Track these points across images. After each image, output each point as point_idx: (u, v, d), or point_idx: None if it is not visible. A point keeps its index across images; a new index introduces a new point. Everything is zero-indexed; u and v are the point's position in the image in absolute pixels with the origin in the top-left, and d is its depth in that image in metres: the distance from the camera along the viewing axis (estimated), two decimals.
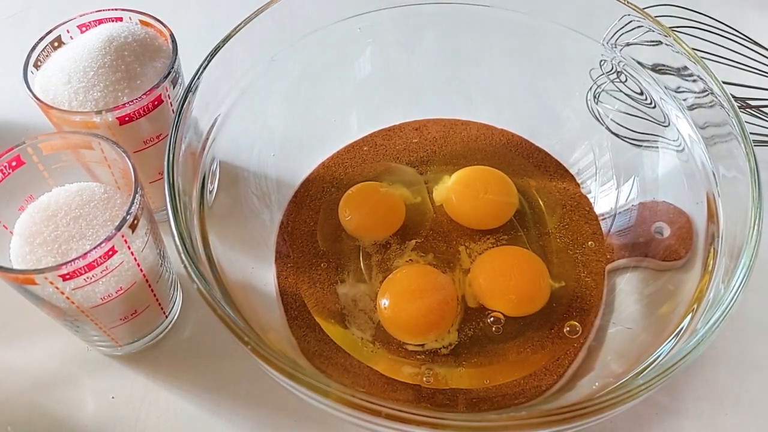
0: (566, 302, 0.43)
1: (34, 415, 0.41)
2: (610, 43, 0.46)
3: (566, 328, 0.43)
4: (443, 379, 0.41)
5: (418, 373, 0.41)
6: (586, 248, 0.46)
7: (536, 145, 0.51)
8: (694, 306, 0.37)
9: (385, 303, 0.42)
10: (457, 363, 0.41)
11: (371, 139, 0.52)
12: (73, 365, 0.42)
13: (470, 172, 0.49)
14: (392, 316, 0.42)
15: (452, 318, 0.42)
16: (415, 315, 0.42)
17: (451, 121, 0.52)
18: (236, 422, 0.40)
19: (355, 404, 0.30)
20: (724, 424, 0.40)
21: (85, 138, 0.37)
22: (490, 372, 0.41)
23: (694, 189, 0.42)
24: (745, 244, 0.35)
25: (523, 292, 0.43)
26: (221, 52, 0.42)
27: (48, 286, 0.33)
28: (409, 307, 0.42)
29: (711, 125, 0.42)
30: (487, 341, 0.42)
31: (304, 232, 0.47)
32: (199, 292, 0.33)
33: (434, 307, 0.42)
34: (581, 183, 0.49)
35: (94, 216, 0.37)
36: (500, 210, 0.47)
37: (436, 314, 0.42)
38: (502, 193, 0.48)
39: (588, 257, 0.45)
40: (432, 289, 0.43)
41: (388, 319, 0.42)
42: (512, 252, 0.45)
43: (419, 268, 0.45)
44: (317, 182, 0.49)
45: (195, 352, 0.43)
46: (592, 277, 0.44)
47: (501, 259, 0.45)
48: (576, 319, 0.43)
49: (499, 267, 0.44)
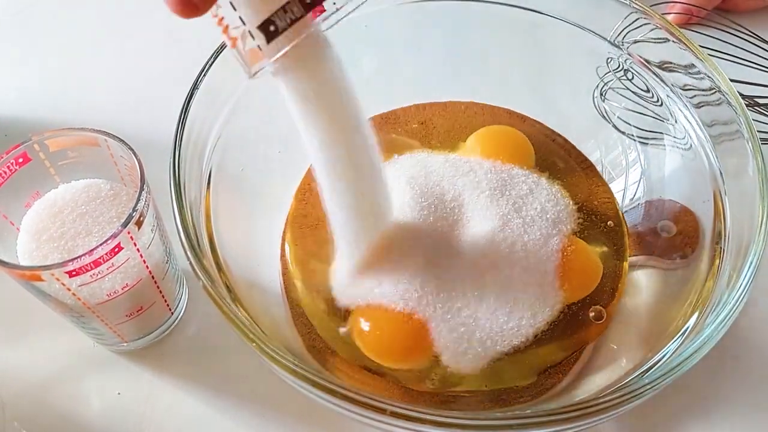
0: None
1: (40, 411, 0.41)
2: (617, 41, 0.46)
3: (591, 312, 0.42)
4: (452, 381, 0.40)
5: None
6: (607, 228, 0.46)
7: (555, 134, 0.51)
8: (700, 305, 0.37)
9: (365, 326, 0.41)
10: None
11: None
12: (79, 361, 0.43)
13: (491, 130, 0.49)
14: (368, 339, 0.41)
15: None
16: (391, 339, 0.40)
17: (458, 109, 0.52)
18: (241, 419, 0.40)
19: (361, 402, 0.30)
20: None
21: (91, 135, 0.37)
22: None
23: (701, 187, 0.42)
24: (752, 242, 0.35)
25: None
26: (227, 49, 0.42)
27: (54, 283, 0.33)
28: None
29: (718, 123, 0.41)
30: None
31: (310, 227, 0.47)
32: (205, 289, 0.33)
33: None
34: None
35: (101, 213, 0.37)
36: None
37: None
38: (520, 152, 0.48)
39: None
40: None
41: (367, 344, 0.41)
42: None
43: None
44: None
45: (200, 349, 0.43)
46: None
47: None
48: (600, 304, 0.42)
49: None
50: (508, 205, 0.44)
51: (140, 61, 0.60)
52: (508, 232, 0.42)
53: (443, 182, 0.45)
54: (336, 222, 0.40)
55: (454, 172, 0.45)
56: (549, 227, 0.43)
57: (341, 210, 0.39)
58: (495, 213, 0.43)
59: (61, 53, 0.61)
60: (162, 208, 0.38)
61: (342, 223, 0.40)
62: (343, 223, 0.40)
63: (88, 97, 0.57)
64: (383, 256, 0.41)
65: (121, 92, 0.57)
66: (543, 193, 0.45)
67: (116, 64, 0.60)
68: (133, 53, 0.61)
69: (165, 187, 0.36)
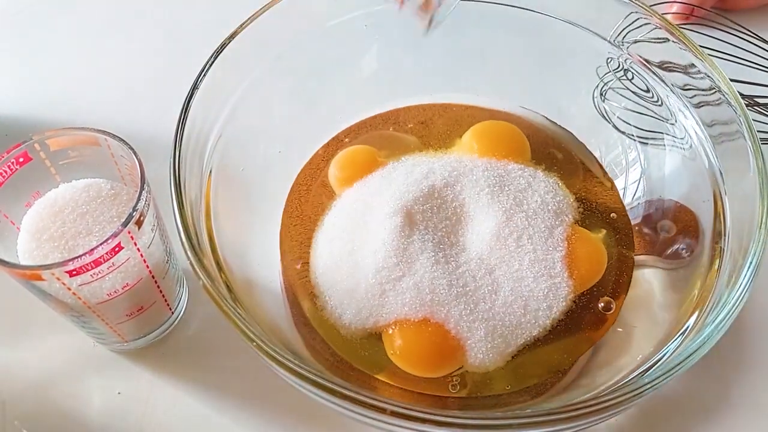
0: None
1: (40, 410, 0.41)
2: (617, 41, 0.46)
3: (601, 303, 0.42)
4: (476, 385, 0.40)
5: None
6: (610, 220, 0.46)
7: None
8: (700, 304, 0.37)
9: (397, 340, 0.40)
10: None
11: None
12: (79, 361, 0.43)
13: (487, 126, 0.49)
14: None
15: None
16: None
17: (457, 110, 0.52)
18: (241, 419, 0.40)
19: (361, 402, 0.30)
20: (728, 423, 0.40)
21: (91, 134, 0.37)
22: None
23: (701, 187, 0.42)
24: (751, 242, 0.35)
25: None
26: (227, 49, 0.42)
27: (55, 282, 0.33)
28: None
29: (718, 123, 0.41)
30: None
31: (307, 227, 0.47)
32: (205, 289, 0.33)
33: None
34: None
35: (101, 212, 0.37)
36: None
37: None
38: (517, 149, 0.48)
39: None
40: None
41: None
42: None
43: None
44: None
45: (201, 349, 0.43)
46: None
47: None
48: (608, 294, 0.43)
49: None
50: (509, 200, 0.44)
51: (140, 61, 0.60)
52: (513, 226, 0.43)
53: (443, 183, 0.45)
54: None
55: (453, 172, 0.45)
56: (552, 218, 0.43)
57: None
58: (497, 209, 0.43)
59: (61, 53, 0.61)
60: (162, 207, 0.38)
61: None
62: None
63: (88, 97, 0.57)
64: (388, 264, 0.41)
65: (121, 92, 0.57)
66: (541, 185, 0.45)
67: (116, 63, 0.60)
68: (133, 53, 0.61)
69: (165, 187, 0.36)
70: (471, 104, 0.52)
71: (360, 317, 0.41)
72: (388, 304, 0.40)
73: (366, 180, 0.47)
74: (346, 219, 0.45)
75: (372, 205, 0.44)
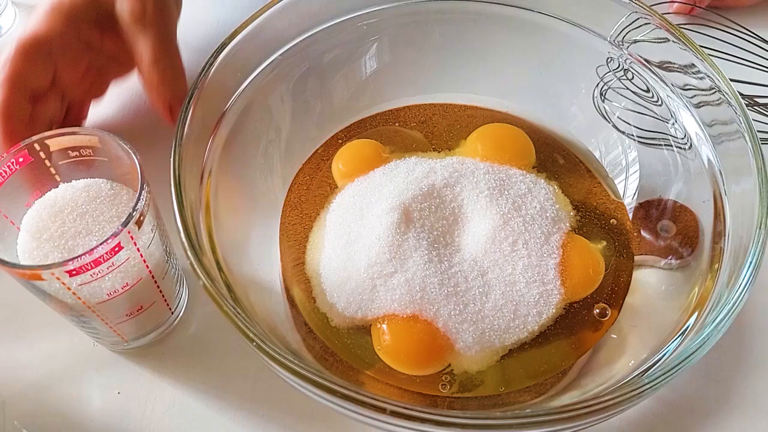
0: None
1: (40, 410, 0.41)
2: (617, 41, 0.46)
3: (596, 310, 0.42)
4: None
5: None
6: (610, 226, 0.46)
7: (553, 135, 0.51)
8: (699, 304, 0.37)
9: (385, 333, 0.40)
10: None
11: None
12: (79, 360, 0.43)
13: (491, 128, 0.49)
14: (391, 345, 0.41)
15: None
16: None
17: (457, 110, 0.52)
18: (241, 418, 0.40)
19: (360, 401, 0.30)
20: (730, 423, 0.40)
21: (92, 135, 0.37)
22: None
23: (701, 187, 0.42)
24: (751, 242, 0.35)
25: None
26: (228, 49, 0.42)
27: (55, 282, 0.33)
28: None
29: (718, 123, 0.41)
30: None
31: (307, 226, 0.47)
32: (205, 289, 0.33)
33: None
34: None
35: (101, 212, 0.37)
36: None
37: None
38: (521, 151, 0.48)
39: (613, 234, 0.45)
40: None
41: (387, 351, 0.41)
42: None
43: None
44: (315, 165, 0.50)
45: (200, 348, 0.43)
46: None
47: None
48: (604, 301, 0.43)
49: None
50: (508, 204, 0.44)
51: None
52: (509, 230, 0.43)
53: (443, 183, 0.45)
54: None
55: (454, 173, 0.45)
56: (549, 225, 0.43)
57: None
58: (495, 212, 0.43)
59: None
60: (162, 207, 0.38)
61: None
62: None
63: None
64: (383, 260, 0.41)
65: (121, 92, 0.57)
66: (541, 192, 0.45)
67: None
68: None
69: (165, 187, 0.36)
70: (471, 104, 0.52)
71: (350, 309, 0.41)
72: (378, 298, 0.41)
73: (368, 175, 0.47)
74: (344, 212, 0.45)
75: (371, 200, 0.45)
